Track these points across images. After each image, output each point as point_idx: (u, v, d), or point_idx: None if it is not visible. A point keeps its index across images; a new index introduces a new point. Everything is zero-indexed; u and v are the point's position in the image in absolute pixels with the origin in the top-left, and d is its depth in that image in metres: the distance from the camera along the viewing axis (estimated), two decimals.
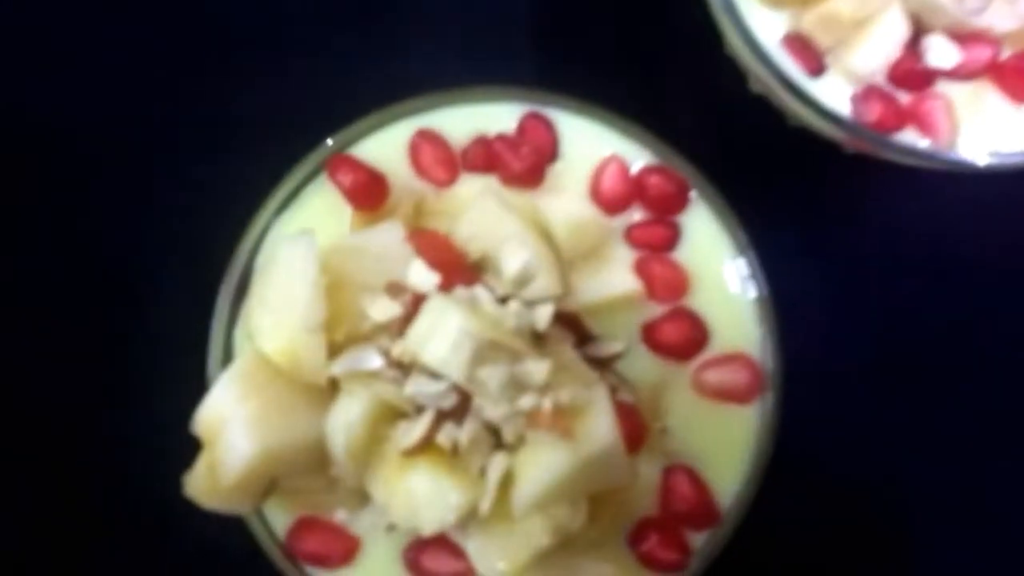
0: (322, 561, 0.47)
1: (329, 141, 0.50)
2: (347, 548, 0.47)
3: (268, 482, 0.44)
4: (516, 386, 0.39)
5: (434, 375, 0.42)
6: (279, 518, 0.47)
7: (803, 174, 0.59)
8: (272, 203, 0.49)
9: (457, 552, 0.45)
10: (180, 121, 0.61)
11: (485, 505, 0.40)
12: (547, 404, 0.39)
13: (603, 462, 0.40)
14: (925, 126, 0.51)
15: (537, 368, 0.39)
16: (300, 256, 0.43)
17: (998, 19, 0.49)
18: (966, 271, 0.60)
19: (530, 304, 0.44)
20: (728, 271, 0.49)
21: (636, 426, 0.46)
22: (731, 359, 0.48)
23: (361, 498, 0.46)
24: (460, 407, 0.42)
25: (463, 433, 0.42)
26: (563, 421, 0.39)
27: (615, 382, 0.47)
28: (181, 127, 0.61)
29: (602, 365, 0.47)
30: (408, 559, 0.46)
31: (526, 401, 0.39)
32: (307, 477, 0.46)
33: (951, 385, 0.59)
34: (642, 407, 0.47)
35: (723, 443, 0.47)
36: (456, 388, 0.41)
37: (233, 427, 0.42)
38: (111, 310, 0.60)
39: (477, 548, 0.42)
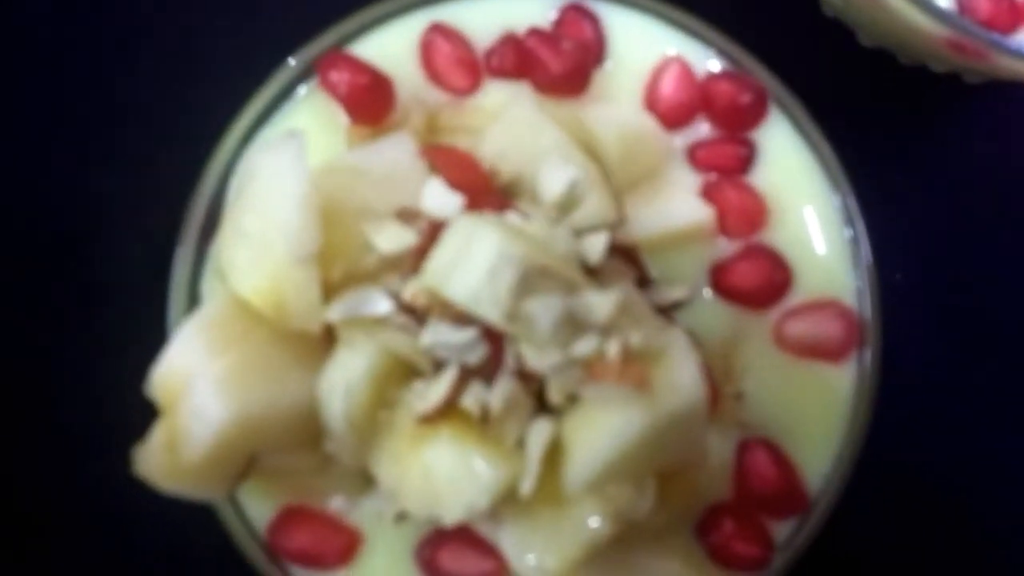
0: (314, 561, 0.38)
1: (316, 41, 0.40)
2: (344, 544, 0.38)
3: (245, 460, 0.35)
4: (572, 326, 0.30)
5: (458, 320, 0.32)
6: (259, 508, 0.38)
7: (891, 99, 0.50)
8: (246, 116, 0.40)
9: (485, 548, 0.37)
10: (141, 21, 0.51)
11: (528, 485, 0.31)
12: (613, 348, 0.30)
13: (683, 426, 0.31)
14: None
15: (601, 302, 0.30)
16: (286, 167, 0.33)
17: None
18: None
19: (578, 233, 0.35)
20: (815, 201, 0.40)
21: (713, 397, 0.37)
22: (820, 307, 0.40)
23: (362, 481, 0.38)
24: (491, 362, 0.33)
25: (495, 394, 0.32)
26: (635, 369, 0.30)
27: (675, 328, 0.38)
28: (141, 29, 0.51)
29: (661, 314, 0.38)
30: (422, 558, 0.38)
31: (585, 345, 0.30)
32: (294, 454, 0.37)
33: None
34: (712, 367, 0.38)
35: (811, 412, 0.39)
36: (486, 336, 0.32)
37: (200, 388, 0.33)
38: (60, 257, 0.50)
39: (514, 541, 0.33)
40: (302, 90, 0.41)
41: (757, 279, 0.39)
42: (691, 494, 0.37)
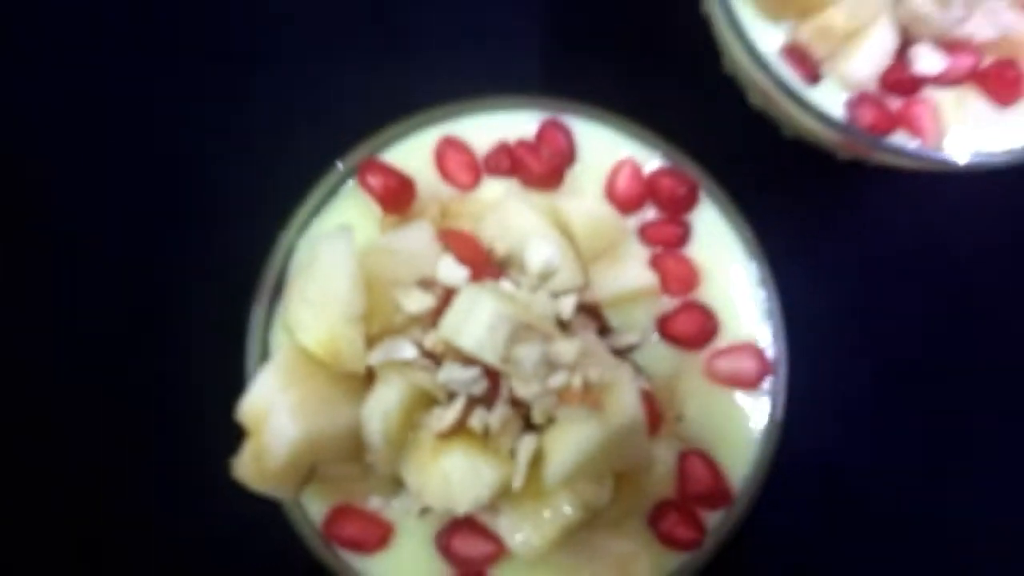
0: (358, 546, 0.49)
1: (356, 150, 0.53)
2: (382, 533, 0.49)
3: (309, 468, 0.47)
4: (548, 365, 0.42)
5: (466, 362, 0.44)
6: (316, 506, 0.49)
7: (801, 180, 0.63)
8: (305, 208, 0.52)
9: (487, 534, 0.48)
10: (209, 127, 0.64)
11: (517, 482, 0.43)
12: (577, 381, 0.42)
13: (628, 436, 0.43)
14: (914, 128, 0.54)
15: (567, 348, 0.42)
16: (339, 251, 0.45)
17: (979, 29, 0.53)
18: (954, 268, 0.64)
19: (555, 295, 0.47)
20: (736, 267, 0.52)
21: (652, 412, 0.49)
22: (739, 348, 0.51)
23: (394, 485, 0.48)
24: (490, 392, 0.45)
25: (494, 416, 0.44)
26: (592, 395, 0.42)
27: (632, 371, 0.50)
28: (209, 134, 0.64)
29: (620, 355, 0.50)
30: (440, 543, 0.49)
31: (557, 379, 0.42)
32: (343, 465, 0.48)
33: (946, 376, 0.63)
34: (657, 395, 0.50)
35: (734, 428, 0.50)
36: (486, 374, 0.44)
37: (278, 414, 0.44)
38: (147, 323, 0.63)
39: (509, 525, 0.45)
40: (346, 187, 0.53)
41: (692, 327, 0.51)
42: (641, 491, 0.48)
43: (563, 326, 0.46)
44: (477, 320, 0.42)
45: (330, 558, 0.49)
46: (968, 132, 0.55)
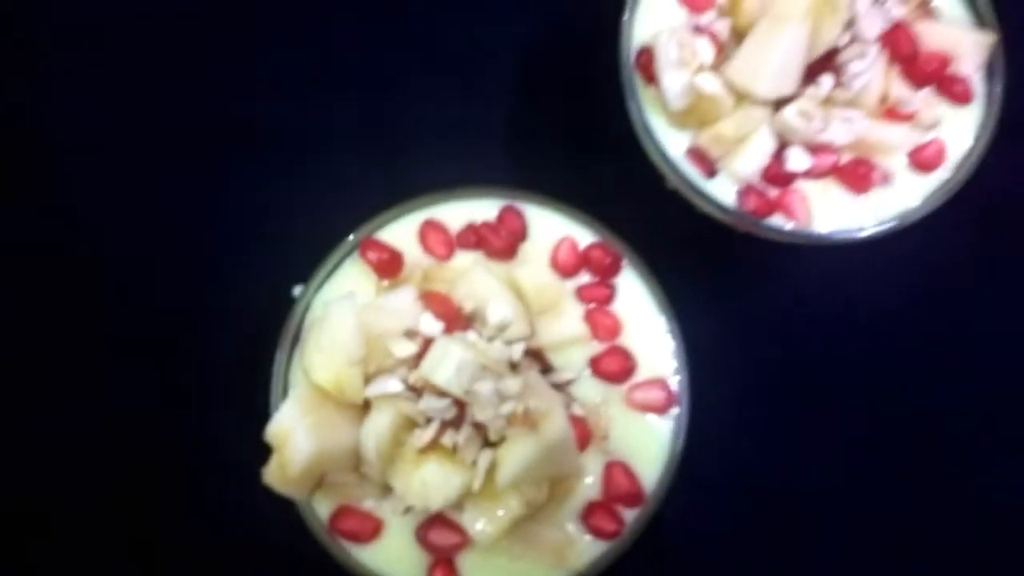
0: (356, 537, 0.63)
1: (358, 231, 0.68)
2: (374, 528, 0.63)
3: (319, 476, 0.61)
4: (500, 397, 0.57)
5: (440, 394, 0.59)
6: (323, 507, 0.63)
7: (708, 249, 0.79)
8: (319, 275, 0.67)
9: (455, 527, 0.62)
10: (238, 211, 0.80)
11: (476, 485, 0.58)
12: (521, 408, 0.57)
13: (558, 450, 0.57)
14: (788, 212, 0.70)
15: (513, 384, 0.57)
16: (344, 311, 0.60)
17: (837, 135, 0.69)
18: (826, 321, 0.81)
19: (508, 343, 0.62)
20: (650, 319, 0.67)
21: (584, 432, 0.63)
22: (652, 383, 0.66)
23: (384, 490, 0.62)
24: (458, 418, 0.59)
25: (460, 436, 0.59)
26: (531, 419, 0.57)
27: (569, 401, 0.65)
28: (237, 217, 0.80)
29: (560, 388, 0.65)
30: (420, 535, 0.62)
31: (507, 407, 0.57)
32: (345, 474, 0.62)
33: (822, 407, 0.79)
34: (588, 419, 0.64)
35: (647, 444, 0.65)
36: (455, 404, 0.59)
37: (297, 434, 0.58)
38: (184, 372, 0.78)
39: (470, 519, 0.59)
40: (351, 258, 0.67)
41: (616, 367, 0.66)
42: (574, 493, 0.62)
43: (514, 366, 0.61)
44: (447, 364, 0.57)
45: (334, 548, 0.63)
46: (831, 214, 0.71)
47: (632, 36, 0.73)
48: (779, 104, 0.69)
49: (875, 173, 0.71)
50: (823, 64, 0.69)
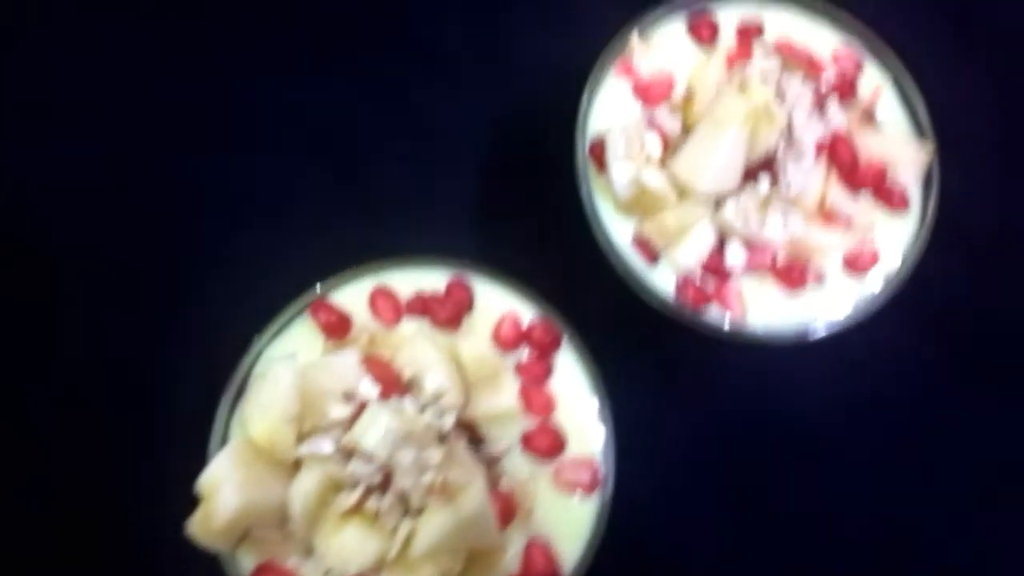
0: None
1: (317, 288, 0.71)
2: None
3: (244, 530, 0.62)
4: (421, 466, 0.59)
5: (368, 459, 0.61)
6: (247, 560, 0.64)
7: (648, 336, 0.82)
8: (268, 332, 0.69)
9: None
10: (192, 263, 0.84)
11: (392, 553, 0.59)
12: (440, 479, 0.58)
13: (474, 524, 0.59)
14: (724, 304, 0.73)
15: (435, 454, 0.59)
16: (284, 370, 0.63)
17: (774, 233, 0.73)
18: (754, 415, 0.83)
19: (440, 412, 0.64)
20: (583, 400, 0.70)
21: (510, 507, 0.65)
22: (580, 463, 0.68)
23: (308, 549, 0.63)
24: (384, 484, 0.61)
25: (384, 502, 0.60)
26: (449, 491, 0.58)
27: (498, 474, 0.67)
28: (205, 267, 0.83)
29: (491, 461, 0.67)
30: None
31: (427, 477, 0.59)
32: (271, 530, 0.63)
33: (750, 507, 0.81)
34: (516, 493, 0.66)
35: (570, 523, 0.66)
36: (382, 470, 0.61)
37: (226, 487, 0.60)
38: (132, 418, 0.80)
39: None
40: (301, 317, 0.70)
41: (546, 444, 0.67)
42: (492, 567, 0.64)
43: (443, 437, 0.63)
44: (375, 429, 0.59)
45: None
46: (765, 310, 0.74)
47: (588, 126, 0.77)
48: (720, 200, 0.73)
49: (809, 273, 0.74)
50: (763, 165, 0.73)
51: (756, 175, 0.73)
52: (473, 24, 0.95)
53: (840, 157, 0.75)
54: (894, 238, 0.76)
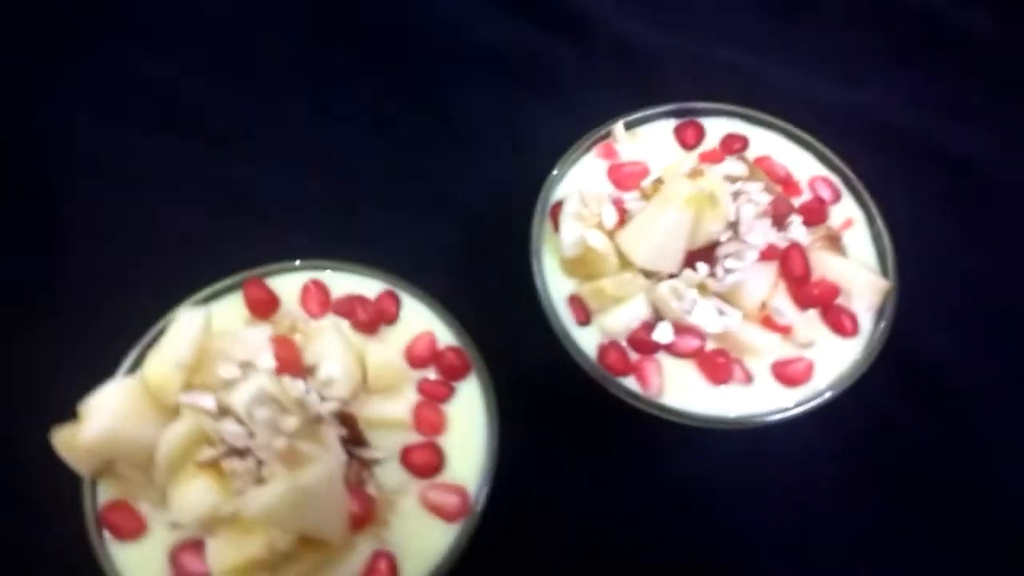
0: (116, 531, 0.64)
1: (251, 271, 0.75)
2: (137, 529, 0.64)
3: (106, 459, 0.64)
4: (276, 428, 0.60)
5: (240, 422, 0.62)
6: (104, 493, 0.65)
7: (565, 394, 0.81)
8: (199, 295, 0.74)
9: (203, 557, 0.62)
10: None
11: (225, 509, 0.59)
12: (289, 445, 0.59)
13: (312, 501, 0.58)
14: (641, 377, 0.73)
15: (291, 421, 0.60)
16: (190, 318, 0.66)
17: (705, 321, 0.73)
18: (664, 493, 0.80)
19: (323, 399, 0.65)
20: (476, 430, 0.69)
21: (368, 511, 0.64)
22: (452, 488, 0.66)
23: (162, 499, 0.64)
24: (246, 451, 0.62)
25: (239, 465, 0.61)
26: (295, 460, 0.59)
27: (367, 477, 0.66)
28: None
29: (365, 463, 0.67)
30: (172, 554, 0.63)
31: (279, 441, 0.59)
32: (135, 471, 0.64)
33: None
34: (379, 501, 0.65)
35: (425, 545, 0.64)
36: (248, 437, 0.62)
37: (102, 412, 0.62)
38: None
39: (211, 547, 0.60)
40: (237, 293, 0.75)
41: (423, 460, 0.67)
42: (331, 564, 0.62)
43: (318, 419, 0.64)
44: (247, 387, 0.61)
45: (93, 528, 0.64)
46: (683, 395, 0.72)
47: (556, 188, 0.81)
48: (660, 279, 0.75)
49: (736, 369, 0.73)
50: (704, 254, 0.74)
51: (698, 261, 0.74)
52: (492, 99, 1.04)
53: (790, 266, 0.76)
54: (833, 359, 0.75)
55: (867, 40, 1.13)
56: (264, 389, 0.61)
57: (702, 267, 0.74)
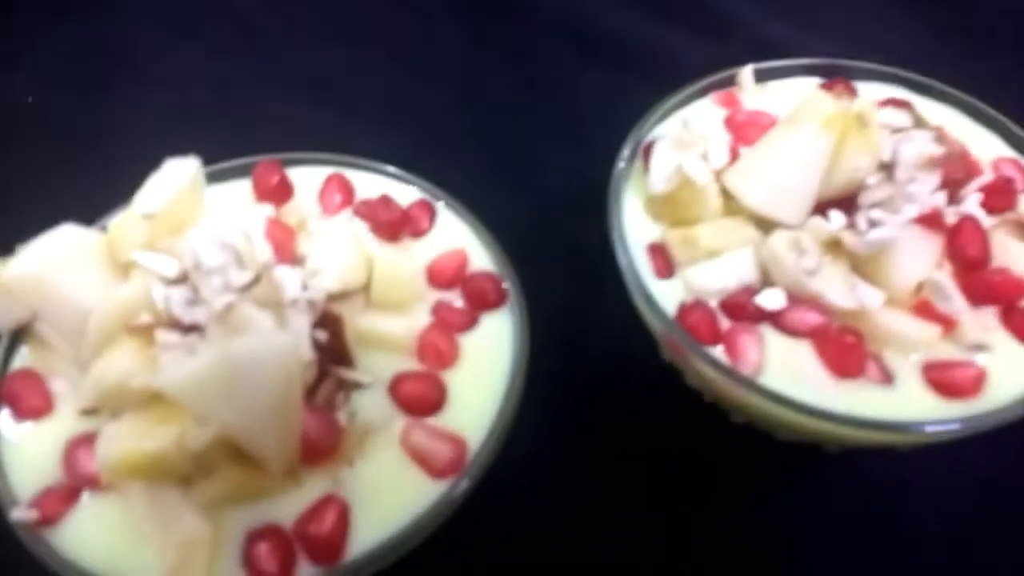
0: (14, 403, 0.50)
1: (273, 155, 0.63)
2: (39, 408, 0.50)
3: (30, 310, 0.50)
4: (224, 285, 0.45)
5: (192, 302, 0.48)
6: (18, 359, 0.52)
7: (619, 353, 0.63)
8: (225, 165, 0.61)
9: None
10: None
11: (136, 383, 0.44)
12: (231, 306, 0.43)
13: (242, 383, 0.41)
14: (733, 351, 0.53)
15: (241, 276, 0.45)
16: (175, 169, 0.54)
17: (833, 291, 0.53)
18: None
19: (304, 286, 0.50)
20: (495, 375, 0.51)
21: (328, 442, 0.47)
22: (447, 437, 0.48)
23: (79, 376, 0.49)
24: (190, 328, 0.47)
25: (175, 339, 0.46)
26: (233, 324, 0.43)
27: (340, 402, 0.49)
28: None
29: (341, 385, 0.50)
30: (68, 447, 0.48)
31: (223, 298, 0.44)
32: (61, 337, 0.51)
33: None
34: (347, 433, 0.48)
35: (391, 502, 0.46)
36: (194, 304, 0.47)
37: (39, 252, 0.50)
38: None
39: (107, 432, 0.44)
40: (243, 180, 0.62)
41: (418, 393, 0.50)
42: (253, 492, 0.45)
43: (292, 302, 0.49)
44: (208, 235, 0.47)
45: None
46: (791, 382, 0.51)
47: (656, 129, 0.65)
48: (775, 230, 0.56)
49: (870, 363, 0.52)
50: (845, 203, 0.55)
51: (828, 211, 0.55)
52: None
53: (962, 244, 0.55)
54: (1018, 374, 0.52)
55: None
56: (225, 236, 0.46)
57: (836, 216, 0.55)
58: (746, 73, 0.69)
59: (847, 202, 0.55)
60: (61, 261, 0.50)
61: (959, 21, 0.99)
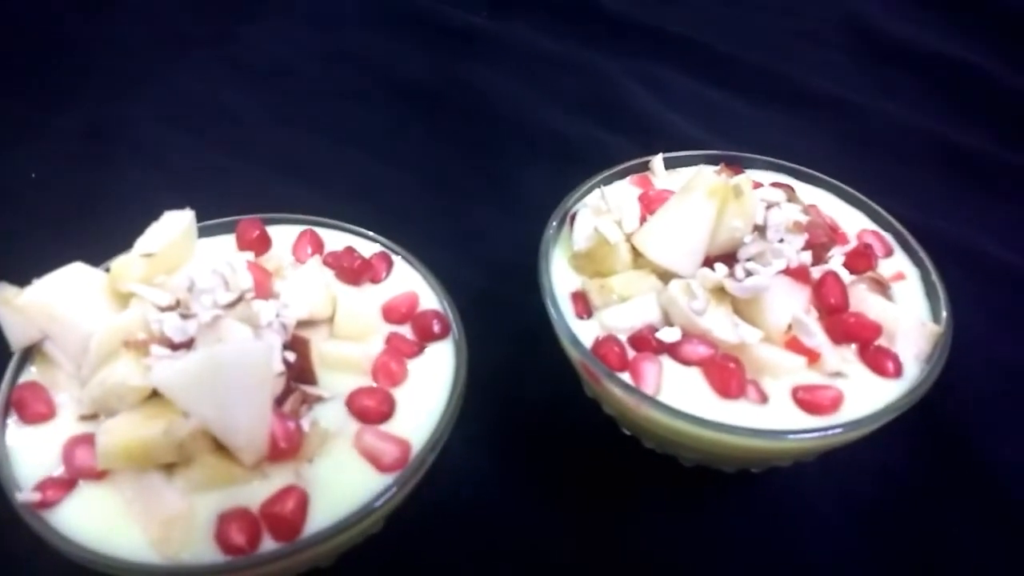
0: (20, 408, 0.58)
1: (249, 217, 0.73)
2: (42, 414, 0.57)
3: (40, 331, 0.59)
4: (212, 303, 0.54)
5: (184, 317, 0.57)
6: (25, 375, 0.60)
7: (545, 382, 0.73)
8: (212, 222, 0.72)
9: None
10: None
11: (134, 381, 0.52)
12: (217, 319, 0.53)
13: (223, 380, 0.50)
14: (637, 376, 0.63)
15: (228, 295, 0.55)
16: (173, 218, 0.64)
17: (720, 330, 0.64)
18: None
19: (276, 313, 0.60)
20: (435, 392, 0.61)
21: (292, 443, 0.55)
22: (392, 439, 0.57)
23: (79, 390, 0.58)
24: (180, 346, 0.56)
25: (165, 353, 0.55)
26: (217, 333, 0.52)
27: (304, 412, 0.58)
28: None
29: (306, 399, 0.59)
30: (68, 442, 0.56)
31: (209, 312, 0.54)
32: (66, 357, 0.59)
33: None
34: (309, 437, 0.56)
35: (344, 490, 0.54)
36: (185, 324, 0.56)
37: (52, 283, 0.59)
38: None
39: (106, 426, 0.52)
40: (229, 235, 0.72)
41: (371, 403, 0.59)
42: (227, 477, 0.53)
43: (268, 324, 0.58)
44: (206, 265, 0.57)
45: None
46: (683, 399, 0.62)
47: (583, 200, 0.78)
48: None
49: (749, 386, 0.63)
50: (727, 259, 0.67)
51: (714, 263, 0.67)
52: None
53: (824, 294, 0.67)
54: (869, 398, 0.63)
55: None
56: (216, 265, 0.57)
57: (720, 268, 0.67)
58: (657, 160, 0.83)
59: (729, 257, 0.68)
60: (69, 290, 0.59)
61: (849, 130, 1.17)
